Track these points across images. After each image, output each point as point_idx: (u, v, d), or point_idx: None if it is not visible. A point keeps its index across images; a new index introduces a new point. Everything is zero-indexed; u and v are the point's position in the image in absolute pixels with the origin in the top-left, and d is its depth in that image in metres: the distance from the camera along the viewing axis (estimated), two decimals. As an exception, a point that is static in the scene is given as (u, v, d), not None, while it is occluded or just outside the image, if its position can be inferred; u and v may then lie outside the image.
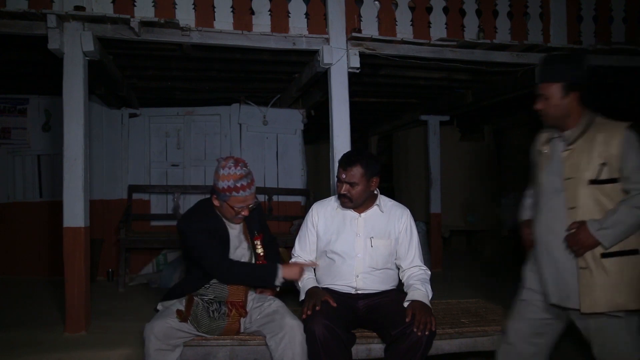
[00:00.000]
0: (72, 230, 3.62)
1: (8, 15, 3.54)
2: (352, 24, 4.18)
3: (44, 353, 3.24)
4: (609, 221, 2.17)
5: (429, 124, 7.23)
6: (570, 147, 2.31)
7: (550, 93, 2.32)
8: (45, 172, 6.20)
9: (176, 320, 2.50)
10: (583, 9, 4.65)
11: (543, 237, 2.38)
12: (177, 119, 6.42)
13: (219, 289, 2.68)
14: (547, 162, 2.41)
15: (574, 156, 2.29)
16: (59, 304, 4.24)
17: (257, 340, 2.64)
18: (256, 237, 2.77)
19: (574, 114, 2.33)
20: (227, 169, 2.58)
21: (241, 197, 2.60)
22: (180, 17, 3.85)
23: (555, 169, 2.35)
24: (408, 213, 2.88)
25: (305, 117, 6.58)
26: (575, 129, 2.33)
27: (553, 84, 2.31)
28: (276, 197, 6.41)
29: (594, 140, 2.25)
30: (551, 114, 2.35)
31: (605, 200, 2.23)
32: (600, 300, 2.20)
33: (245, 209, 2.64)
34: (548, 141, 2.44)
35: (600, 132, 2.26)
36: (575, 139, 2.31)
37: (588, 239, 2.18)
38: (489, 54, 4.45)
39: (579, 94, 2.32)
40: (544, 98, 2.34)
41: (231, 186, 2.56)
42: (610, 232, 2.17)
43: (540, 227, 2.40)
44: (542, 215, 2.40)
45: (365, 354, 2.71)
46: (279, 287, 2.84)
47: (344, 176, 2.69)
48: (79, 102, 3.65)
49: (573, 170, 2.28)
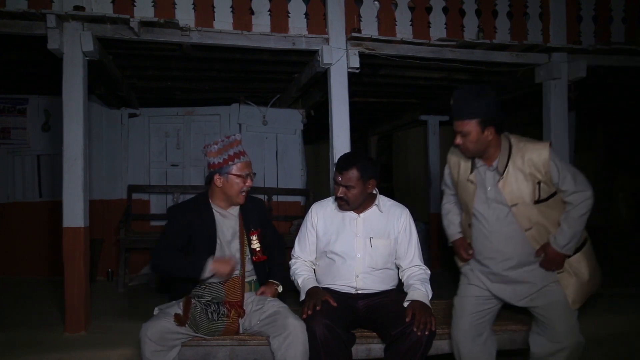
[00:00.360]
0: (72, 230, 3.61)
1: (8, 15, 3.53)
2: (351, 24, 4.18)
3: (44, 353, 3.24)
4: (568, 236, 2.45)
5: (429, 124, 7.24)
6: (502, 177, 2.48)
7: (468, 130, 2.43)
8: (45, 172, 6.20)
9: (173, 322, 2.49)
10: (583, 9, 4.65)
11: (496, 262, 2.56)
12: (176, 119, 6.42)
13: (216, 289, 2.67)
14: (480, 191, 2.56)
15: (510, 184, 2.47)
16: (58, 304, 4.23)
17: (257, 340, 2.64)
18: (252, 232, 2.77)
19: (492, 145, 2.48)
20: (218, 144, 2.70)
21: (243, 162, 2.69)
22: (180, 17, 3.85)
23: (494, 198, 2.51)
24: (407, 212, 2.88)
25: (305, 117, 6.58)
26: (500, 158, 2.49)
27: (470, 121, 2.43)
28: (276, 197, 6.40)
29: (523, 164, 2.44)
30: (471, 148, 2.48)
31: (552, 212, 2.49)
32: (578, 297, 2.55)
33: (250, 177, 2.70)
34: (472, 170, 2.58)
35: (525, 155, 2.45)
36: (505, 167, 2.47)
37: (558, 258, 2.47)
38: (488, 54, 4.45)
39: (494, 127, 2.44)
40: (462, 135, 2.46)
41: (231, 154, 2.66)
42: (572, 244, 2.48)
43: (490, 252, 2.58)
44: (489, 241, 2.56)
45: (365, 354, 2.71)
46: (281, 288, 2.84)
47: (340, 179, 2.69)
48: (78, 102, 3.65)
49: (515, 197, 2.46)
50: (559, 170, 2.43)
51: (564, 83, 4.52)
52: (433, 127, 7.24)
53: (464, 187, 2.62)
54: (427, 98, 6.66)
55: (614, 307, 4.33)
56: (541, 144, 2.47)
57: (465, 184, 2.60)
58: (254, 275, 2.82)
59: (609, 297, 4.69)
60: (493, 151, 2.49)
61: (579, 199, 2.45)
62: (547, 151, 2.42)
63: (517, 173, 2.45)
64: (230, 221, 2.77)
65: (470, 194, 2.58)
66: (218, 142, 2.72)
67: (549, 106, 4.55)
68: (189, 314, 2.53)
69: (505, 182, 2.47)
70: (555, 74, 4.45)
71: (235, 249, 2.74)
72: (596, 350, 3.59)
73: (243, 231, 2.77)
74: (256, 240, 2.77)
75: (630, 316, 4.11)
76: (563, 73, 4.48)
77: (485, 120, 2.41)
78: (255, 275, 2.83)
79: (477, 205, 2.57)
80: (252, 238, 2.76)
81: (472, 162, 2.58)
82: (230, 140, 2.73)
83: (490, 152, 2.50)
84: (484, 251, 2.60)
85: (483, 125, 2.42)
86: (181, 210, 2.77)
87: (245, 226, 2.78)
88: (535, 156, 2.42)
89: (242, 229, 2.77)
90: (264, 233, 2.90)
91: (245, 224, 2.78)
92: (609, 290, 5.00)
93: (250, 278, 2.79)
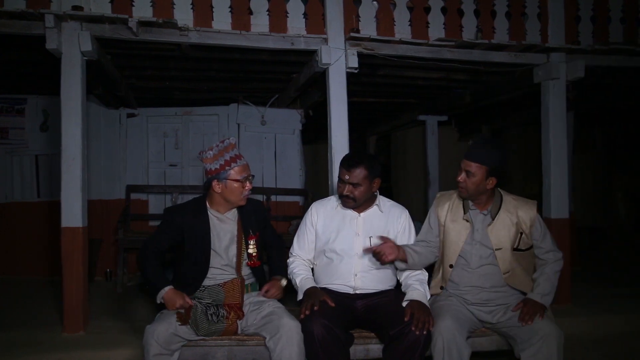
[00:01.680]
0: (70, 230, 3.61)
1: (6, 15, 3.53)
2: (350, 24, 4.18)
3: (42, 353, 3.24)
4: (547, 288, 2.73)
5: (427, 124, 7.24)
6: (492, 222, 2.76)
7: (474, 171, 2.69)
8: (43, 172, 6.18)
9: (177, 325, 2.50)
10: (581, 9, 4.65)
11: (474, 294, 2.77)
12: (175, 119, 6.41)
13: (215, 292, 2.68)
14: (469, 231, 2.79)
15: (498, 229, 2.75)
16: (57, 304, 4.23)
17: (256, 341, 2.64)
18: (250, 236, 2.76)
19: (487, 194, 2.77)
20: (214, 150, 2.68)
21: (240, 166, 2.67)
22: (179, 17, 3.85)
23: (480, 240, 2.76)
24: (407, 213, 2.90)
25: (303, 117, 6.58)
26: (493, 205, 2.78)
27: (479, 165, 2.68)
28: (274, 197, 6.40)
29: (512, 216, 2.75)
30: (470, 189, 2.72)
31: (525, 262, 2.80)
32: None
33: (249, 180, 2.69)
34: (465, 211, 2.81)
35: (514, 208, 2.77)
36: (496, 214, 2.77)
37: (538, 309, 2.64)
38: (487, 54, 4.45)
39: (497, 179, 2.72)
40: (468, 174, 2.71)
41: (227, 159, 2.64)
42: (549, 296, 2.74)
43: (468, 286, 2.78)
44: (468, 278, 2.77)
45: (363, 354, 2.72)
46: (285, 281, 2.86)
47: (347, 177, 2.69)
48: (77, 102, 3.64)
49: (500, 242, 2.74)
50: (541, 229, 2.79)
51: (562, 83, 4.52)
52: (432, 127, 7.24)
53: (452, 228, 2.83)
54: (425, 98, 6.67)
55: (613, 307, 4.34)
56: (530, 202, 2.81)
57: (454, 225, 2.82)
58: (252, 278, 2.83)
59: (608, 297, 4.70)
60: (485, 199, 2.78)
61: (554, 258, 2.79)
62: (535, 210, 2.78)
63: (506, 221, 2.75)
64: (229, 225, 2.76)
65: (460, 233, 2.80)
66: (213, 147, 2.70)
67: (548, 106, 4.55)
68: (191, 314, 2.55)
69: (494, 227, 2.75)
70: (553, 74, 4.45)
71: (232, 254, 2.74)
72: (596, 350, 3.60)
73: (242, 235, 2.76)
74: (253, 245, 2.76)
75: (630, 316, 4.11)
76: (561, 73, 4.48)
77: (492, 170, 2.68)
78: (253, 278, 2.84)
79: (465, 245, 2.78)
80: (249, 242, 2.75)
81: (464, 205, 2.83)
82: (225, 144, 2.70)
83: (482, 199, 2.78)
84: (462, 284, 2.79)
85: (488, 174, 2.68)
86: (175, 212, 2.76)
87: (244, 230, 2.77)
88: (524, 212, 2.76)
89: (240, 233, 2.76)
90: (263, 234, 2.89)
91: (244, 227, 2.77)
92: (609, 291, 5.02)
93: (248, 281, 2.80)
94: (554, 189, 4.49)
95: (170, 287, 2.59)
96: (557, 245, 2.85)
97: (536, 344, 2.51)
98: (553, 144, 4.53)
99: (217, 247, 2.72)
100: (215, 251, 2.72)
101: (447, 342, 2.50)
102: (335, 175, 3.65)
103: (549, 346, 2.49)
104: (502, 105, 6.58)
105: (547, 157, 4.56)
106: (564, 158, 4.56)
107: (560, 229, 4.40)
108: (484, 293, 2.76)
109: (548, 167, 4.54)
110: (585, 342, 3.70)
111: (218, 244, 2.73)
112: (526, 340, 2.55)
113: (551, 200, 4.49)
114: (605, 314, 4.14)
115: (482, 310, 2.77)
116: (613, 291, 4.99)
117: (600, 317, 4.08)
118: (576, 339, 3.63)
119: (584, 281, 5.38)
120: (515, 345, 2.63)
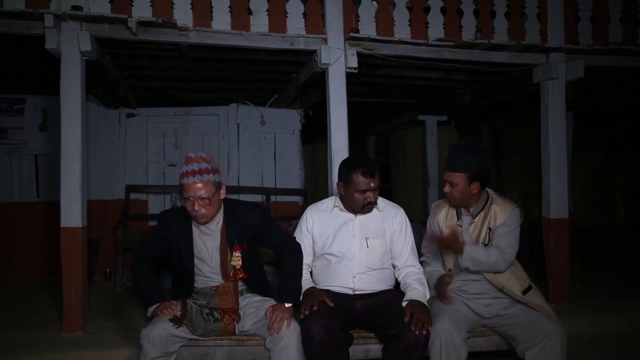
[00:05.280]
0: (70, 230, 3.60)
1: (5, 15, 3.52)
2: (349, 24, 4.18)
3: (41, 353, 3.24)
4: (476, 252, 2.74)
5: (427, 124, 7.24)
6: (474, 221, 2.85)
7: (457, 181, 2.76)
8: (43, 172, 6.18)
9: (172, 326, 2.47)
10: (580, 9, 4.65)
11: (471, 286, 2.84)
12: (174, 119, 6.40)
13: (209, 295, 2.66)
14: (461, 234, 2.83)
15: (477, 227, 2.84)
16: (56, 304, 4.23)
17: (255, 341, 2.64)
18: (236, 247, 2.63)
19: (475, 197, 2.84)
20: (189, 153, 2.54)
21: (185, 183, 2.44)
22: (178, 17, 3.84)
23: (468, 240, 2.81)
24: (402, 212, 2.91)
25: (303, 117, 6.57)
26: (477, 205, 2.85)
27: (460, 174, 2.75)
28: (274, 197, 6.40)
29: (489, 212, 2.82)
30: (456, 198, 2.81)
31: None
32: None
33: (196, 201, 2.46)
34: (458, 217, 2.89)
35: (494, 205, 2.82)
36: (477, 213, 2.84)
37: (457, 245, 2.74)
38: (486, 54, 4.45)
39: (480, 182, 2.78)
40: (452, 184, 2.78)
41: (181, 173, 2.50)
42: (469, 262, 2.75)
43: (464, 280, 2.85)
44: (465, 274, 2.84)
45: (362, 354, 2.72)
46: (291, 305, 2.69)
47: (372, 185, 2.71)
48: (76, 102, 3.64)
49: (478, 239, 2.82)
50: (506, 227, 2.77)
51: (561, 83, 4.52)
52: (431, 127, 7.24)
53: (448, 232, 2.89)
54: (425, 98, 6.67)
55: (613, 307, 4.34)
56: (509, 205, 2.82)
57: (449, 232, 2.85)
58: (243, 286, 2.78)
59: (607, 297, 4.71)
60: (473, 201, 2.85)
61: (500, 257, 2.71)
62: (510, 212, 2.78)
63: (483, 219, 2.83)
64: (210, 237, 2.66)
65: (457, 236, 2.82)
66: (191, 154, 2.54)
67: (547, 106, 4.55)
68: (186, 314, 2.53)
69: (474, 225, 2.84)
70: (553, 74, 4.45)
71: (216, 264, 2.66)
72: (595, 350, 3.61)
73: (226, 247, 2.64)
74: (238, 257, 2.62)
75: (629, 316, 4.11)
76: (561, 73, 4.48)
77: (473, 175, 2.75)
78: (245, 285, 2.77)
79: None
80: (234, 254, 2.63)
81: (457, 211, 2.90)
82: (186, 156, 2.52)
83: (470, 202, 2.85)
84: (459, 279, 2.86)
85: (470, 180, 2.75)
86: (165, 219, 2.72)
87: (228, 241, 2.64)
88: (499, 210, 2.80)
89: (224, 245, 2.64)
90: (264, 241, 2.79)
91: (229, 239, 2.64)
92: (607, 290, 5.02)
93: (240, 288, 2.76)
94: (553, 188, 4.49)
95: (155, 305, 2.56)
96: (512, 254, 2.76)
97: (540, 343, 2.51)
98: (552, 144, 4.53)
99: (202, 255, 2.66)
100: (200, 259, 2.66)
101: (445, 342, 2.51)
102: (335, 175, 3.64)
103: (553, 345, 2.49)
104: (502, 105, 6.58)
105: (546, 157, 4.56)
106: (563, 158, 4.56)
107: (559, 228, 4.41)
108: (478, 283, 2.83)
109: (547, 167, 4.54)
110: (584, 342, 3.70)
111: (204, 252, 2.66)
112: (529, 340, 2.56)
113: (551, 200, 4.49)
114: (603, 314, 4.14)
115: (480, 304, 2.78)
116: (612, 291, 5.00)
117: (598, 317, 4.08)
118: (575, 338, 3.62)
119: (583, 281, 5.38)
120: (517, 345, 2.64)
